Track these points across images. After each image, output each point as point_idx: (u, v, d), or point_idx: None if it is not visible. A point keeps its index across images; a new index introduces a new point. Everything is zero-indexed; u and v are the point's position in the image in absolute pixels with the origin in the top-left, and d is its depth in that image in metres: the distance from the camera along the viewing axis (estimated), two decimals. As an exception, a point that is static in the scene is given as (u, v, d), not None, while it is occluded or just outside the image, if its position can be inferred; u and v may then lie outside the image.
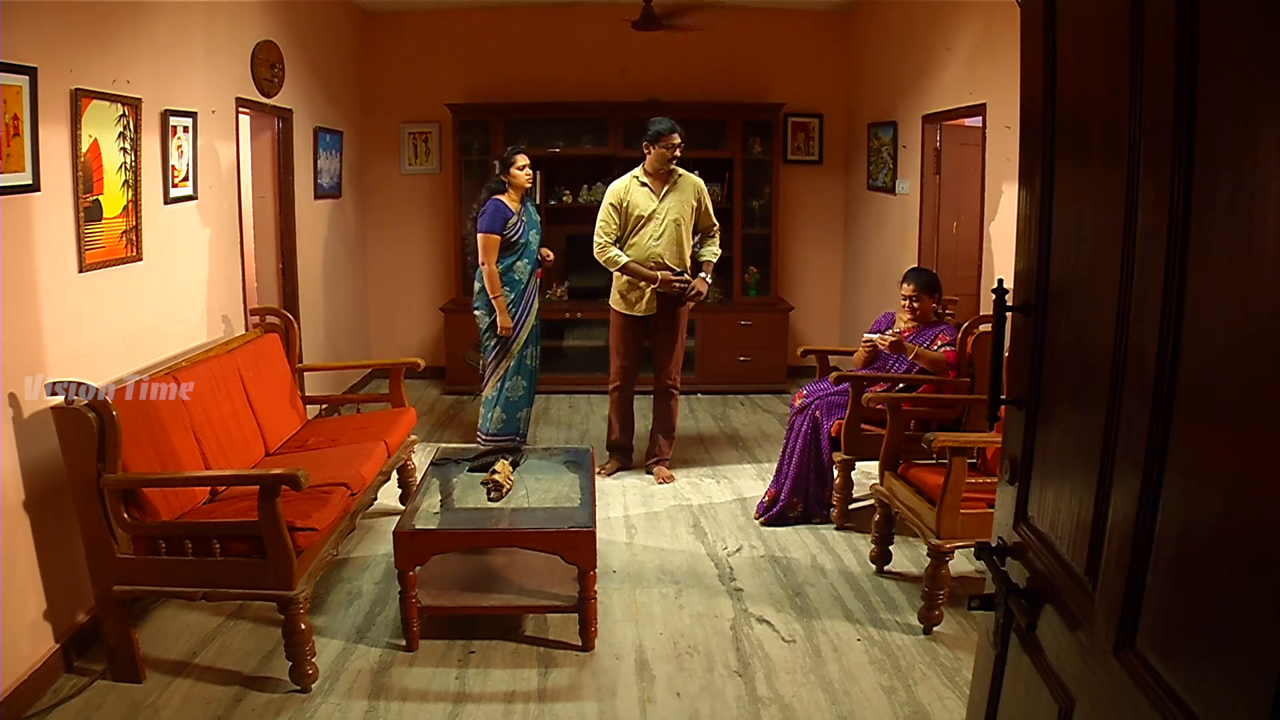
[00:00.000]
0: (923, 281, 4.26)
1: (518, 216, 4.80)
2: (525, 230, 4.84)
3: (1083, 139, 1.33)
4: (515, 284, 4.84)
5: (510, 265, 4.81)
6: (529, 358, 4.95)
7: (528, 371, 4.94)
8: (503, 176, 4.83)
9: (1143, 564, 1.08)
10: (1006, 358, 1.58)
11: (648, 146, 4.79)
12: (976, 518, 3.16)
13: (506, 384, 4.87)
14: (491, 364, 4.91)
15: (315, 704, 2.85)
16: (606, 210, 4.83)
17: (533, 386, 5.02)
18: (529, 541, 3.22)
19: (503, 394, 4.87)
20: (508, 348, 4.86)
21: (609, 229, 4.81)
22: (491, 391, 4.89)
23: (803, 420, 4.33)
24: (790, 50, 7.11)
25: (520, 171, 4.81)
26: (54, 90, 2.99)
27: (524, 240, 4.84)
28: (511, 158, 4.83)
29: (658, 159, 4.75)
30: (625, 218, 4.80)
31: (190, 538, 2.89)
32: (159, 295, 3.76)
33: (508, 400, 4.89)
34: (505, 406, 4.89)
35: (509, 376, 4.87)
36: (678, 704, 2.88)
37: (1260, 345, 0.88)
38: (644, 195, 4.80)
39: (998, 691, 1.54)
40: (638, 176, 4.84)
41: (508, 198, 4.81)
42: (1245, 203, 0.90)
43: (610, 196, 4.84)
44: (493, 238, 4.73)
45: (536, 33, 6.96)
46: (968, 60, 4.96)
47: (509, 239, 4.77)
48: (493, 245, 4.74)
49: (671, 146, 4.72)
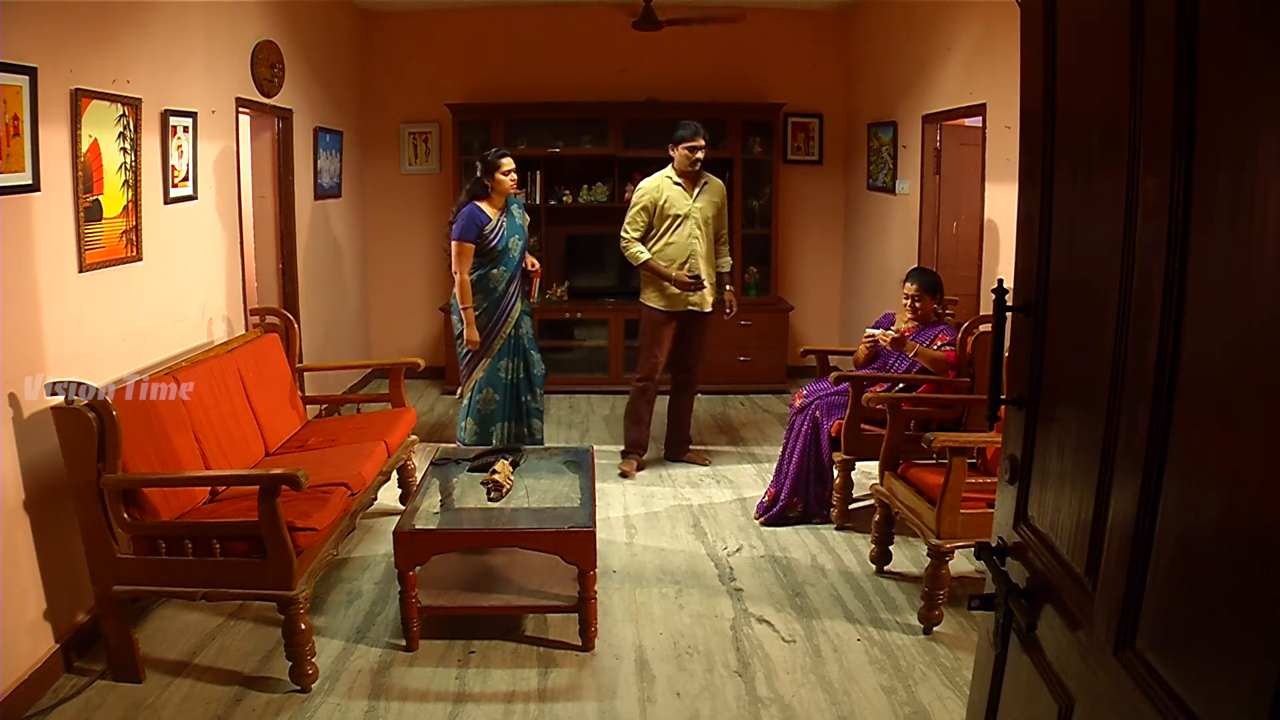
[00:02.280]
0: (926, 282, 4.26)
1: (496, 222, 4.62)
2: (505, 237, 4.65)
3: (1083, 139, 1.33)
4: (489, 292, 4.67)
5: (485, 274, 4.65)
6: (504, 370, 4.76)
7: (501, 385, 4.76)
8: (485, 180, 4.62)
9: (1143, 564, 1.08)
10: (1006, 358, 1.58)
11: (673, 147, 4.82)
12: (976, 518, 3.16)
13: (478, 395, 4.76)
14: (464, 372, 4.81)
15: (315, 704, 2.85)
16: (638, 208, 4.83)
17: (510, 400, 4.80)
18: (529, 541, 3.22)
19: (473, 405, 4.76)
20: (478, 359, 4.74)
21: (638, 225, 4.83)
22: (465, 400, 4.81)
23: (803, 420, 4.33)
24: (790, 50, 7.11)
25: (505, 177, 4.61)
26: (54, 90, 2.99)
27: (502, 247, 4.64)
28: (496, 161, 4.61)
29: (681, 161, 4.80)
30: (658, 216, 4.80)
31: (190, 538, 2.89)
32: (159, 295, 3.76)
33: (479, 412, 4.77)
34: (478, 418, 4.77)
35: (480, 388, 4.75)
36: (678, 704, 2.88)
37: (1260, 345, 0.88)
38: (679, 194, 4.82)
39: (998, 691, 1.54)
40: (670, 176, 4.86)
41: (488, 203, 4.63)
42: (1245, 203, 0.90)
43: (643, 195, 4.85)
44: (466, 245, 4.58)
45: (536, 33, 6.96)
46: (968, 60, 4.95)
47: (485, 246, 4.60)
48: (466, 253, 4.59)
49: (693, 149, 4.76)
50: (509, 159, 4.69)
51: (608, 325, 6.87)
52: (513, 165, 4.69)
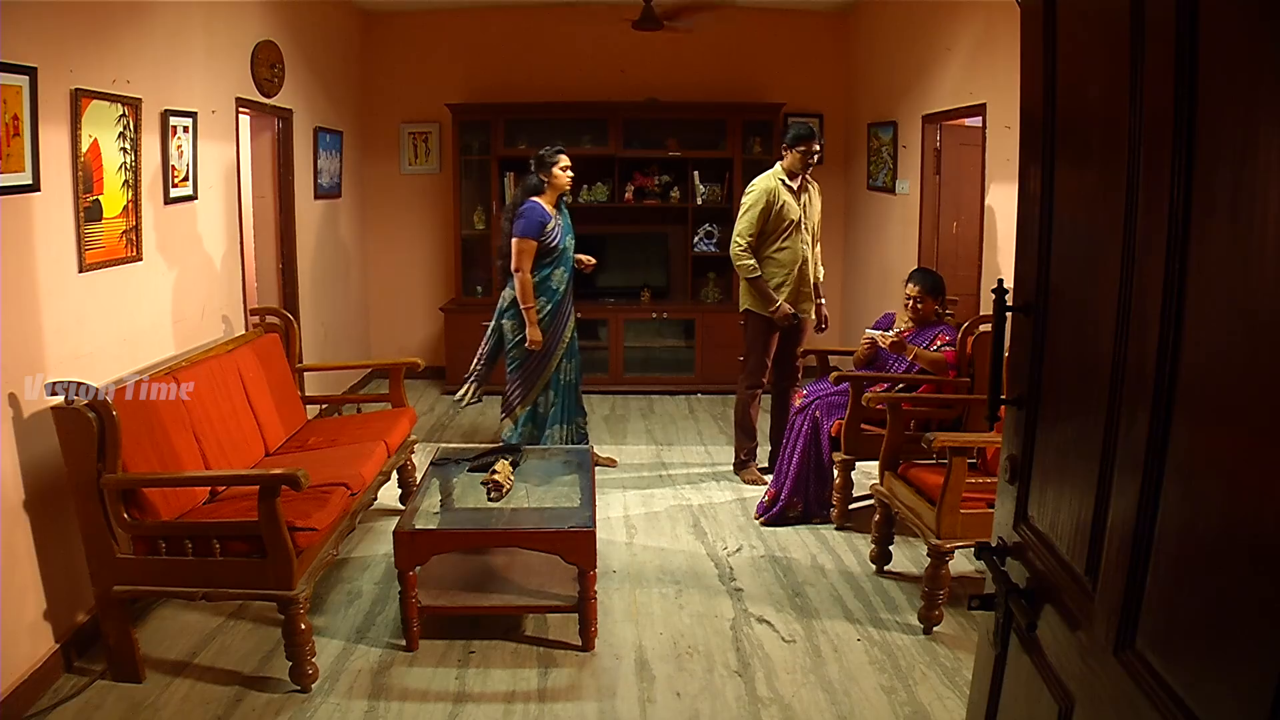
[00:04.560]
0: (928, 284, 4.25)
1: (555, 221, 4.56)
2: (562, 236, 4.60)
3: (1083, 139, 1.33)
4: (552, 294, 4.60)
5: (549, 275, 4.57)
6: (562, 373, 4.71)
7: (560, 387, 4.71)
8: (541, 176, 4.56)
9: (1143, 564, 1.08)
10: (1006, 358, 1.58)
11: (786, 149, 4.61)
12: (976, 518, 3.16)
13: (539, 398, 4.68)
14: (518, 380, 4.67)
15: (315, 704, 2.85)
16: (754, 212, 4.55)
17: (569, 402, 4.76)
18: (529, 541, 3.22)
19: (534, 408, 4.68)
20: (541, 363, 4.63)
21: (754, 230, 4.57)
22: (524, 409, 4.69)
23: (803, 420, 4.33)
24: (790, 50, 7.11)
25: (563, 173, 4.55)
26: (54, 90, 2.99)
27: (562, 246, 4.60)
28: (554, 157, 4.55)
29: (794, 163, 4.58)
30: (772, 220, 4.56)
31: (190, 538, 2.89)
32: (159, 295, 3.76)
33: (539, 415, 4.71)
34: (538, 423, 4.70)
35: (542, 391, 4.67)
36: (678, 704, 2.88)
37: (1260, 345, 0.88)
38: (792, 199, 4.59)
39: (998, 691, 1.54)
40: (780, 178, 4.61)
41: (544, 199, 4.56)
42: (1245, 203, 0.90)
43: (759, 197, 4.56)
44: (529, 242, 4.47)
45: (536, 33, 6.96)
46: (968, 60, 4.95)
47: (546, 245, 4.52)
48: (529, 250, 4.48)
49: (808, 152, 4.56)
50: (565, 155, 4.59)
51: (608, 325, 6.87)
52: (569, 161, 4.60)
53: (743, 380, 4.86)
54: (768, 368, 4.81)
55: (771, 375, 4.86)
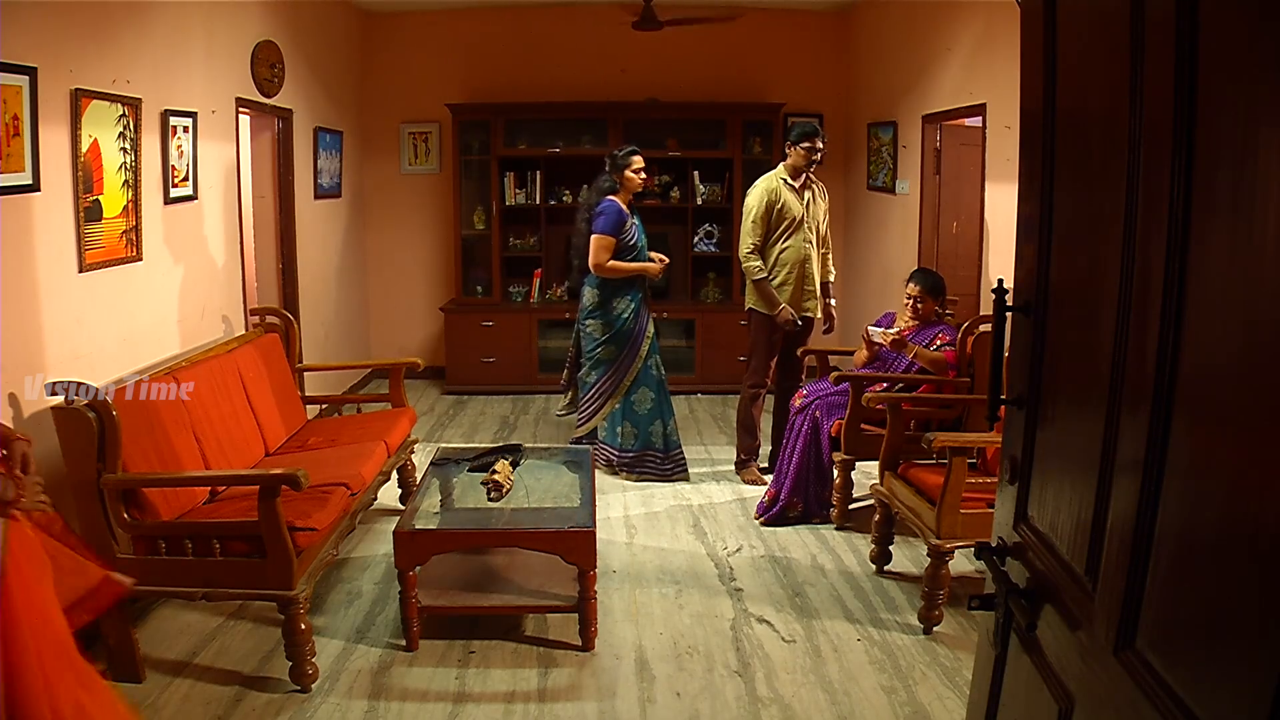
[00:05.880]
0: (929, 284, 4.25)
1: (632, 220, 4.62)
2: (639, 235, 4.67)
3: (1083, 139, 1.33)
4: (633, 293, 4.66)
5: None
6: (654, 367, 4.80)
7: (654, 382, 4.79)
8: (615, 176, 4.62)
9: (1143, 564, 1.08)
10: (1006, 358, 1.58)
11: (790, 146, 4.61)
12: (976, 518, 3.16)
13: (633, 396, 4.74)
14: (606, 378, 4.74)
15: (315, 704, 2.85)
16: (757, 214, 4.56)
17: (663, 396, 4.84)
18: (529, 541, 3.22)
19: (629, 406, 4.74)
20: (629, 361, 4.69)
21: (759, 232, 4.57)
22: (613, 407, 4.74)
23: (803, 420, 4.33)
24: (790, 50, 7.11)
25: (635, 174, 4.61)
26: (54, 90, 2.99)
27: (639, 244, 4.67)
28: (627, 159, 4.61)
29: (799, 160, 4.58)
30: (774, 220, 4.57)
31: (190, 538, 2.89)
32: (159, 295, 3.77)
33: (635, 413, 4.77)
34: (634, 420, 4.77)
35: (634, 389, 4.74)
36: (678, 704, 2.88)
37: (1260, 344, 0.88)
38: (793, 197, 4.59)
39: (998, 691, 1.54)
40: (782, 178, 4.62)
41: (620, 198, 4.62)
42: (1245, 203, 0.90)
43: (761, 197, 4.57)
44: (609, 239, 4.53)
45: (536, 33, 6.96)
46: (968, 60, 4.95)
47: (626, 242, 4.57)
48: (608, 247, 4.54)
49: (812, 150, 4.55)
50: (639, 156, 4.63)
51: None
52: (643, 163, 4.65)
53: (746, 379, 4.87)
54: (771, 368, 4.81)
55: (775, 375, 4.86)
